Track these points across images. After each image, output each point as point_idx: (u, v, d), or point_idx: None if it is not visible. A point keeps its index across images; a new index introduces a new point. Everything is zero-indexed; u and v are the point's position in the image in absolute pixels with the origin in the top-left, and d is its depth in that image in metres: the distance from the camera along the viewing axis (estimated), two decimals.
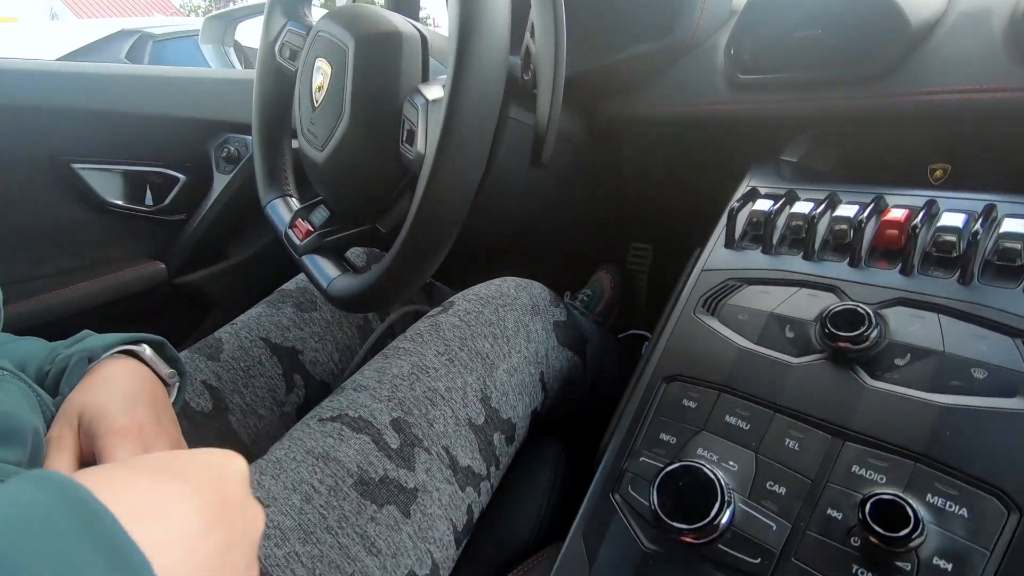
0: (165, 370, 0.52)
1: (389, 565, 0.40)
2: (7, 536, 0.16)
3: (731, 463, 0.39)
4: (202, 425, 0.64)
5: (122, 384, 0.49)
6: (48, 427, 0.45)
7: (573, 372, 0.59)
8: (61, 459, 0.41)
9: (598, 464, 0.45)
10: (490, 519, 0.55)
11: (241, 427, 0.67)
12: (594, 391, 0.67)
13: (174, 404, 0.50)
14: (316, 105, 0.60)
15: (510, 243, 0.81)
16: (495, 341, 0.52)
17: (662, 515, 0.37)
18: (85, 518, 0.18)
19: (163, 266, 0.89)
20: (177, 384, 0.55)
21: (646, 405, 0.46)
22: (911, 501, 0.32)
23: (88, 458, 0.42)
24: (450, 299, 0.58)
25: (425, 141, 0.49)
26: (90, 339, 0.51)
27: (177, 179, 0.91)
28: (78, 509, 0.18)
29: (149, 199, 0.91)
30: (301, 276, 0.78)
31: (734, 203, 0.52)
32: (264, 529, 0.42)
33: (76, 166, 0.84)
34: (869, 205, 0.46)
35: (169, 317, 0.97)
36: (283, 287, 0.76)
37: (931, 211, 0.43)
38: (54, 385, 0.51)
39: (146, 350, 0.51)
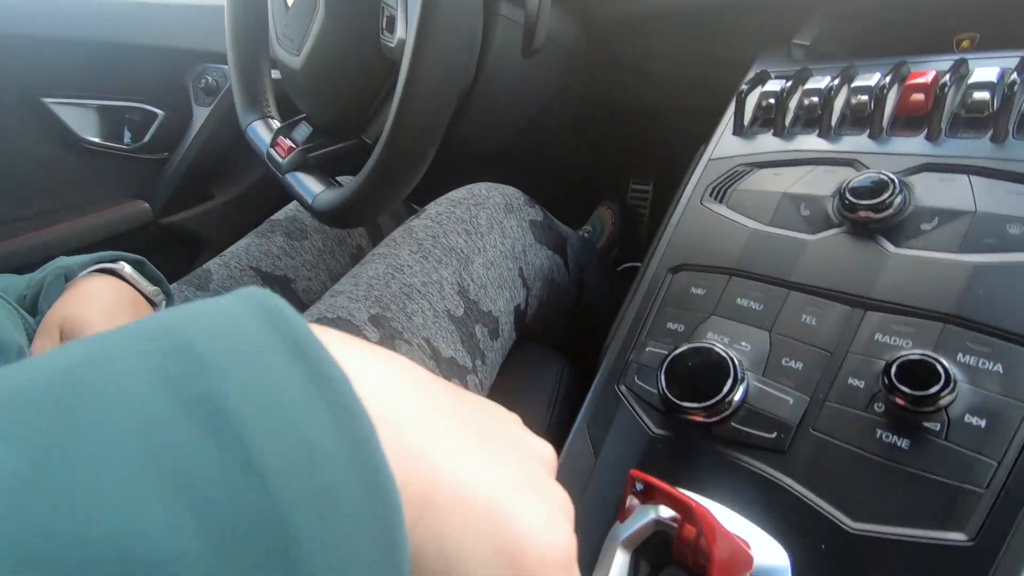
0: (148, 287, 0.51)
1: None
2: (192, 327, 0.12)
3: (743, 344, 0.37)
4: None
5: (102, 296, 0.47)
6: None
7: (555, 272, 0.58)
8: None
9: (602, 359, 0.43)
10: None
11: None
12: (586, 306, 0.66)
13: None
14: (289, 5, 0.56)
15: (506, 158, 0.78)
16: (468, 237, 0.51)
17: (671, 396, 0.35)
18: (280, 327, 0.13)
19: (147, 205, 0.86)
20: (163, 303, 0.53)
21: (651, 297, 0.43)
22: (941, 359, 0.30)
23: None
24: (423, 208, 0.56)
25: (406, 24, 0.46)
26: (65, 259, 0.49)
27: (155, 115, 0.87)
28: (273, 318, 0.13)
29: (128, 138, 0.87)
30: (291, 205, 0.75)
31: (742, 87, 0.48)
32: None
33: (48, 100, 0.80)
34: (890, 72, 0.42)
35: (158, 259, 0.94)
36: (272, 217, 0.73)
37: (959, 71, 0.39)
38: (32, 306, 0.49)
39: (125, 267, 0.50)
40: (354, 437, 0.12)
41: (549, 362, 0.61)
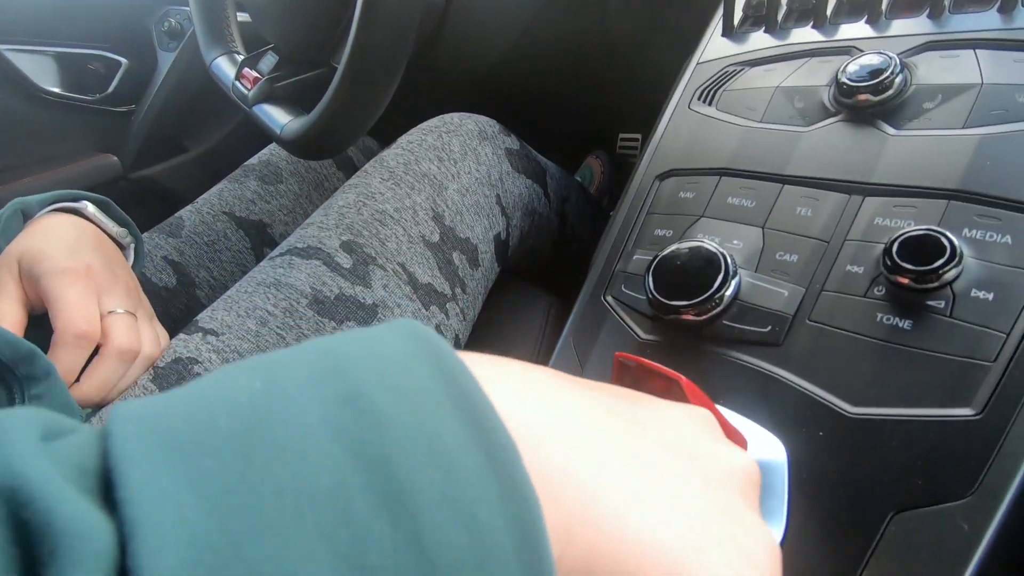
0: (114, 228, 0.48)
1: None
2: (360, 367, 0.12)
3: (736, 242, 0.35)
4: (168, 300, 0.60)
5: (63, 233, 0.44)
6: None
7: (535, 201, 0.56)
8: (3, 304, 0.38)
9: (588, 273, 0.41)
10: None
11: (210, 302, 0.63)
12: (570, 238, 0.64)
13: (133, 268, 0.47)
14: None
15: (489, 104, 0.74)
16: (441, 164, 0.49)
17: (659, 297, 0.33)
18: (443, 368, 0.12)
19: (115, 159, 0.83)
20: (132, 245, 0.50)
21: (638, 206, 0.41)
22: (946, 232, 0.28)
23: (36, 303, 0.39)
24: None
25: None
26: (23, 197, 0.47)
27: (119, 63, 0.82)
28: (434, 358, 0.13)
29: (92, 89, 0.83)
30: (264, 150, 0.72)
31: None
32: (223, 354, 0.39)
33: (2, 47, 0.76)
34: None
35: (131, 215, 0.91)
36: (246, 163, 0.70)
37: None
38: None
39: (88, 207, 0.46)
40: (520, 518, 0.11)
41: (538, 299, 0.59)
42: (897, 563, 0.24)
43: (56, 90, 0.80)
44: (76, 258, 0.39)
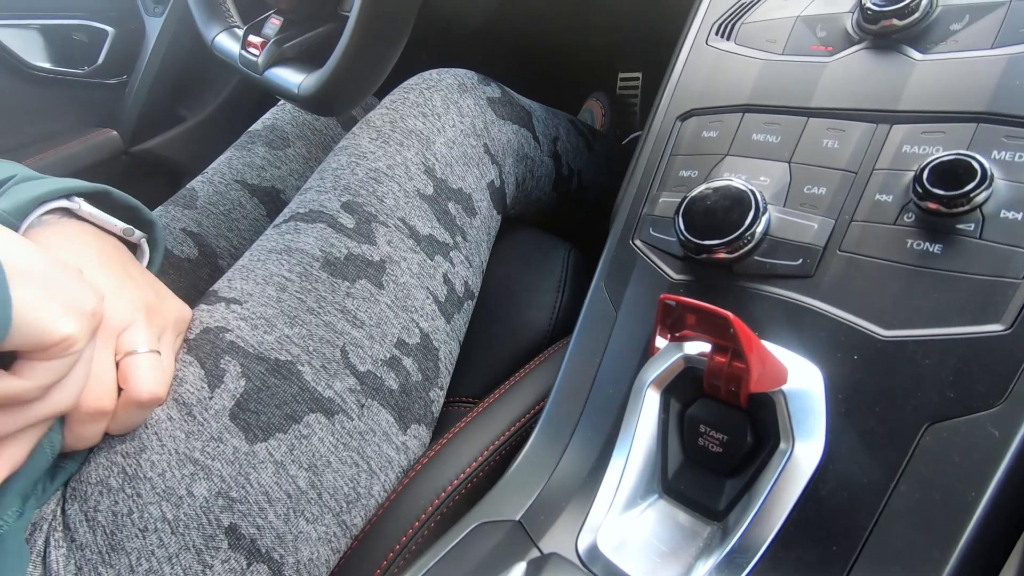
0: (119, 225, 0.38)
1: (375, 334, 0.41)
2: None
3: (763, 178, 0.35)
4: (192, 271, 0.60)
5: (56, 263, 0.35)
6: None
7: (525, 146, 0.57)
8: None
9: (614, 218, 0.41)
10: (503, 314, 0.53)
11: None
12: (568, 176, 0.65)
13: (150, 264, 0.41)
14: None
15: (487, 50, 0.73)
16: (425, 119, 0.50)
17: (691, 237, 0.34)
18: None
19: (115, 133, 0.81)
20: (143, 240, 0.41)
21: (660, 148, 0.41)
22: (976, 156, 0.28)
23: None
24: None
25: None
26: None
27: (105, 32, 0.80)
28: None
29: (80, 62, 0.80)
30: (267, 115, 0.71)
31: None
32: (251, 320, 0.40)
33: None
34: None
35: (136, 190, 0.90)
36: (250, 129, 0.69)
37: None
38: None
39: (82, 206, 0.35)
40: None
41: (555, 246, 0.60)
42: (932, 469, 0.25)
43: (46, 65, 0.78)
44: (79, 299, 0.28)
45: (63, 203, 0.34)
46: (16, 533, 0.29)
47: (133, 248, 0.40)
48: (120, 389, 0.32)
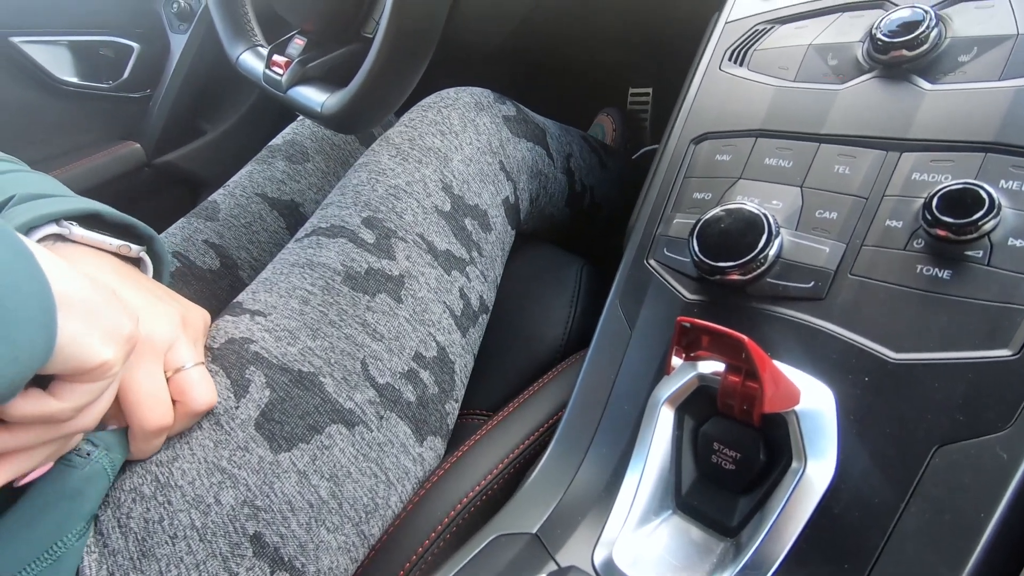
0: (112, 243, 0.36)
1: (394, 347, 0.42)
2: None
3: (775, 202, 0.36)
4: (214, 282, 0.62)
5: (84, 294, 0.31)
6: None
7: (539, 163, 0.58)
8: None
9: (628, 238, 0.43)
10: (517, 328, 0.54)
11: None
12: (581, 192, 0.66)
13: (159, 276, 0.40)
14: None
15: (501, 67, 0.74)
16: (443, 137, 0.52)
17: (704, 259, 0.35)
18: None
19: (138, 146, 0.84)
20: (143, 251, 0.39)
21: (674, 171, 0.42)
22: (984, 184, 0.29)
23: None
24: None
25: None
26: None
27: (131, 48, 0.82)
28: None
29: (106, 76, 0.83)
30: (287, 130, 0.72)
31: None
32: (275, 332, 0.41)
33: (16, 40, 0.76)
34: None
35: (157, 202, 0.93)
36: (270, 143, 0.71)
37: None
38: None
39: (71, 229, 0.34)
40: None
41: (570, 263, 0.61)
42: (942, 490, 0.26)
43: (74, 80, 0.80)
44: (117, 325, 0.27)
45: (53, 229, 0.33)
46: (74, 553, 0.30)
47: (135, 263, 0.39)
48: (174, 401, 0.33)
